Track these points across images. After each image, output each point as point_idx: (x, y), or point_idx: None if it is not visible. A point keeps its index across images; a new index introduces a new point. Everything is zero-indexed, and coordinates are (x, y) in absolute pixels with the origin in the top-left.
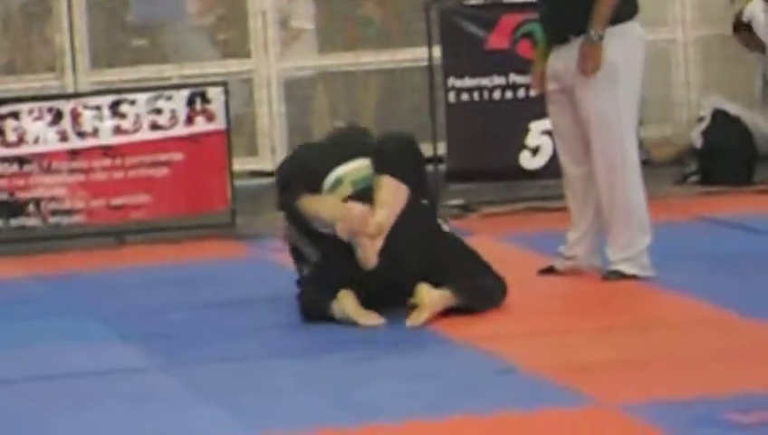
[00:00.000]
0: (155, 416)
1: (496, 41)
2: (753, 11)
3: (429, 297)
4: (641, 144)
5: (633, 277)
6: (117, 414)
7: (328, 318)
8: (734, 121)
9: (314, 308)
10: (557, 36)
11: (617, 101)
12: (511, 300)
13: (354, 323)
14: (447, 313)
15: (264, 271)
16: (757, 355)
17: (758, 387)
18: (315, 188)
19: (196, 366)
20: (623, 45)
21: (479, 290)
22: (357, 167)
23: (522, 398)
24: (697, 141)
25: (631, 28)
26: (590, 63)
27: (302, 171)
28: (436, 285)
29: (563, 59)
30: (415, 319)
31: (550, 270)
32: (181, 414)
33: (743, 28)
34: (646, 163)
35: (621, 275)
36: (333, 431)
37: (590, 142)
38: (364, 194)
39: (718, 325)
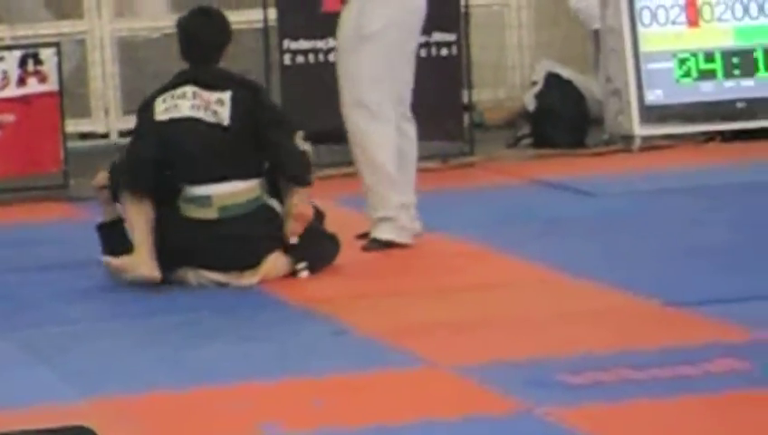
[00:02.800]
0: None
1: (331, 3)
2: None
3: (267, 261)
4: (474, 107)
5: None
6: None
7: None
8: (567, 85)
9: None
10: None
11: (363, 63)
12: (345, 262)
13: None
14: (284, 276)
15: (95, 233)
16: (589, 317)
17: (589, 348)
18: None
19: (27, 329)
20: (378, 7)
21: (316, 253)
22: (232, 191)
23: (354, 359)
24: (530, 105)
25: None
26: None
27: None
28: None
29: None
30: (247, 279)
31: (365, 235)
32: (11, 376)
33: None
34: (479, 126)
35: (379, 243)
36: (164, 394)
37: None
38: (229, 224)
39: (551, 287)
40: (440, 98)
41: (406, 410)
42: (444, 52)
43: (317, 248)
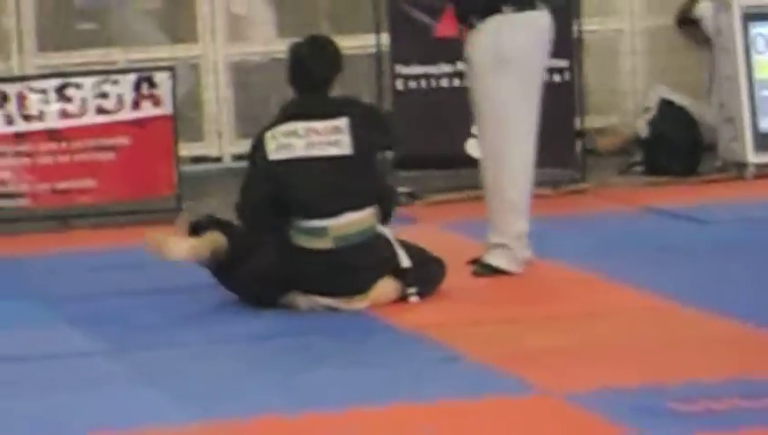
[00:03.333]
0: (99, 401)
1: (444, 29)
2: (703, 10)
3: (377, 286)
4: (586, 133)
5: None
6: (61, 399)
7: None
8: (680, 111)
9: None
10: (465, 21)
11: (501, 88)
12: (455, 288)
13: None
14: (394, 301)
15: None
16: (700, 345)
17: (701, 376)
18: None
19: (140, 351)
20: (513, 32)
21: (425, 277)
22: (348, 221)
23: (465, 386)
24: (643, 131)
25: (523, 17)
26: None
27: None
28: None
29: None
30: (357, 304)
31: (476, 261)
32: (125, 399)
33: (688, 22)
34: (591, 153)
35: (489, 268)
36: (274, 418)
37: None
38: (342, 253)
39: (661, 315)
40: (553, 124)
41: None
42: (557, 78)
43: (426, 273)
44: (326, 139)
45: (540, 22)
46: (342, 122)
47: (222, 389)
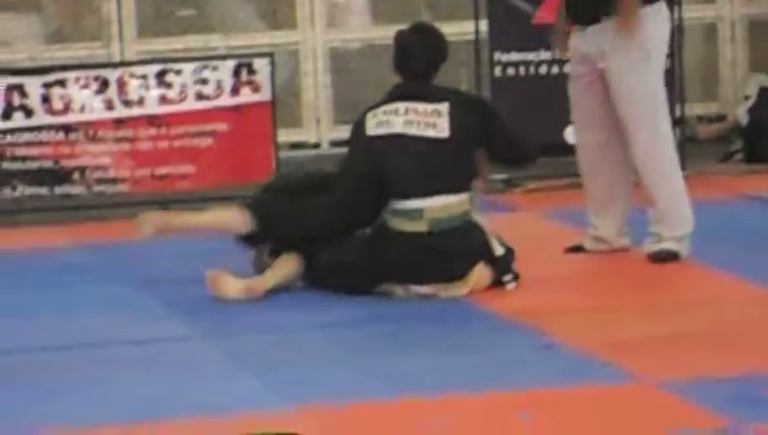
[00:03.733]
0: (194, 385)
1: (543, 15)
2: None
3: (473, 272)
4: (686, 121)
5: (678, 256)
6: (157, 384)
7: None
8: None
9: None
10: (585, 17)
11: (650, 80)
12: (552, 275)
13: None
14: (488, 288)
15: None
16: None
17: None
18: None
19: (236, 336)
20: (655, 25)
21: (507, 262)
22: (444, 204)
23: (561, 373)
24: (743, 119)
25: (660, 8)
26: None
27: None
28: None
29: (594, 41)
30: (454, 290)
31: (577, 249)
32: (220, 384)
33: None
34: (690, 140)
35: (671, 254)
36: (370, 404)
37: (621, 122)
38: (438, 237)
39: (761, 303)
40: None
41: (611, 426)
42: None
43: (510, 261)
44: (425, 120)
45: (666, 14)
46: (443, 107)
47: (317, 374)
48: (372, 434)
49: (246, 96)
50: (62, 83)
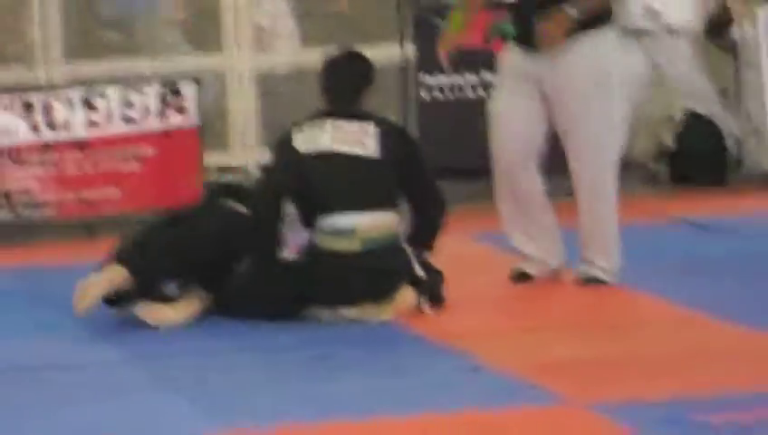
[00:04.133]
0: (123, 409)
1: (472, 38)
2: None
3: (400, 294)
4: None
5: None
6: (86, 407)
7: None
8: (707, 123)
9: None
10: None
11: (610, 117)
12: (481, 298)
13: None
14: (415, 311)
15: None
16: (727, 357)
17: (727, 388)
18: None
19: (164, 359)
20: (619, 53)
21: (433, 287)
22: (374, 223)
23: (490, 396)
24: (669, 142)
25: (609, 35)
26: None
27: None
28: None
29: (545, 63)
30: (382, 314)
31: (523, 276)
32: (149, 408)
33: (717, 30)
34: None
35: (600, 281)
36: (297, 426)
37: (570, 146)
38: (368, 257)
39: (689, 327)
40: None
41: None
42: None
43: (434, 284)
44: (353, 138)
45: (631, 45)
46: (370, 127)
47: (245, 398)
48: None
49: (173, 120)
50: None
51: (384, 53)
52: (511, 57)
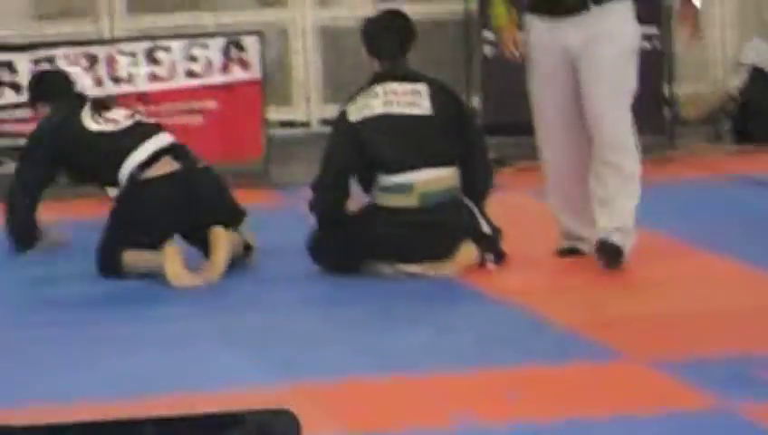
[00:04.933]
0: (184, 362)
1: None
2: None
3: (462, 250)
4: (676, 101)
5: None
6: (147, 359)
7: None
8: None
9: None
10: (572, 3)
11: (631, 79)
12: (540, 255)
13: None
14: (475, 267)
15: (296, 220)
16: None
17: None
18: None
19: (226, 313)
20: (633, 20)
21: (497, 245)
22: (432, 178)
23: (551, 352)
24: (732, 99)
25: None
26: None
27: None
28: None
29: (578, 31)
30: (444, 269)
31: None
32: (209, 361)
33: None
34: (680, 121)
35: (614, 249)
36: (359, 381)
37: (586, 119)
38: (428, 213)
39: (750, 283)
40: (641, 91)
41: (600, 405)
42: (646, 45)
43: (497, 240)
44: (405, 99)
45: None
46: (422, 87)
47: (307, 352)
48: (362, 411)
49: (236, 74)
50: (50, 60)
51: (447, 9)
52: (534, 34)
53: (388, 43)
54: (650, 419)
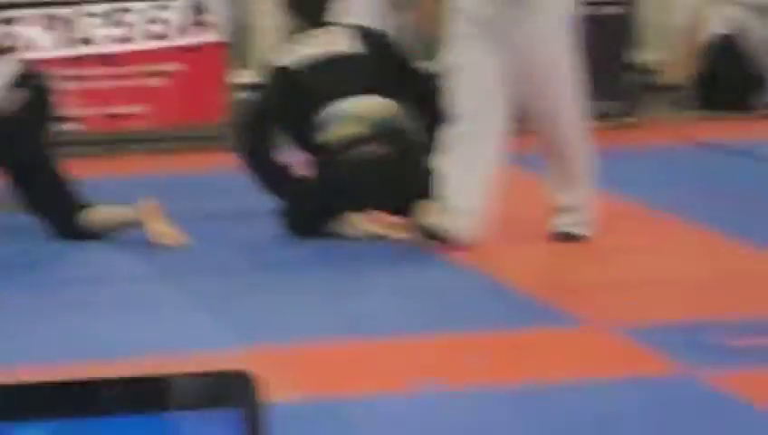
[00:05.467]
0: (148, 324)
1: None
2: None
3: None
4: (641, 67)
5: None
6: (110, 321)
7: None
8: (735, 46)
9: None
10: None
11: (565, 45)
12: (506, 220)
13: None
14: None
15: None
16: (751, 281)
17: (750, 312)
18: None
19: (190, 276)
20: None
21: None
22: (377, 104)
23: (512, 317)
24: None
25: None
26: None
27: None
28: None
29: (500, 2)
30: (405, 232)
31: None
32: (174, 323)
33: None
34: (647, 87)
35: (571, 237)
36: (320, 344)
37: (527, 88)
38: (383, 139)
39: (713, 250)
40: (604, 56)
41: (563, 369)
42: (611, 9)
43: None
44: (334, 39)
45: None
46: (351, 31)
47: (270, 315)
48: (322, 373)
49: (199, 36)
50: (9, 21)
51: None
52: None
53: (313, 3)
54: (613, 383)
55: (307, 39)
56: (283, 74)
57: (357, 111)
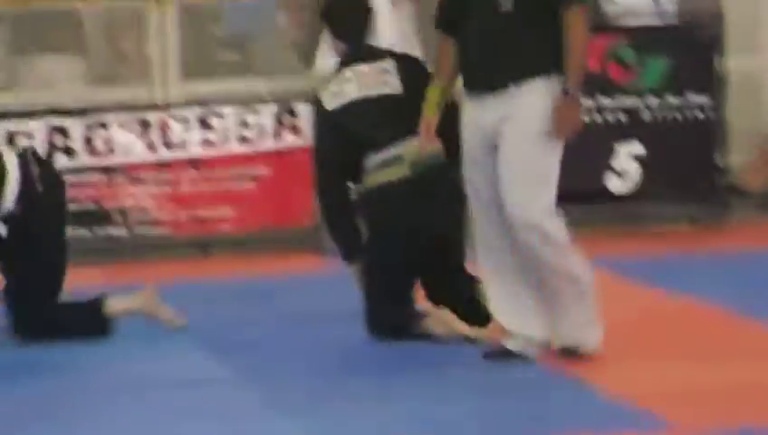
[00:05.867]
0: (232, 429)
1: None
2: None
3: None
4: (729, 170)
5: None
6: (195, 425)
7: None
8: None
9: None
10: (490, 83)
11: (554, 162)
12: None
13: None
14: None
15: (346, 285)
16: None
17: None
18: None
19: (276, 379)
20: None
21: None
22: (417, 145)
23: (601, 421)
24: None
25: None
26: (568, 125)
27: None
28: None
29: (496, 111)
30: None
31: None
32: (258, 428)
33: None
34: (734, 190)
35: (577, 353)
36: None
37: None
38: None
39: None
40: (693, 160)
41: None
42: (699, 114)
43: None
44: (375, 79)
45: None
46: (388, 64)
47: (356, 420)
48: None
49: (288, 140)
50: (104, 125)
51: None
52: (466, 110)
53: (351, 27)
54: None
55: (351, 77)
56: (332, 118)
57: (402, 155)
